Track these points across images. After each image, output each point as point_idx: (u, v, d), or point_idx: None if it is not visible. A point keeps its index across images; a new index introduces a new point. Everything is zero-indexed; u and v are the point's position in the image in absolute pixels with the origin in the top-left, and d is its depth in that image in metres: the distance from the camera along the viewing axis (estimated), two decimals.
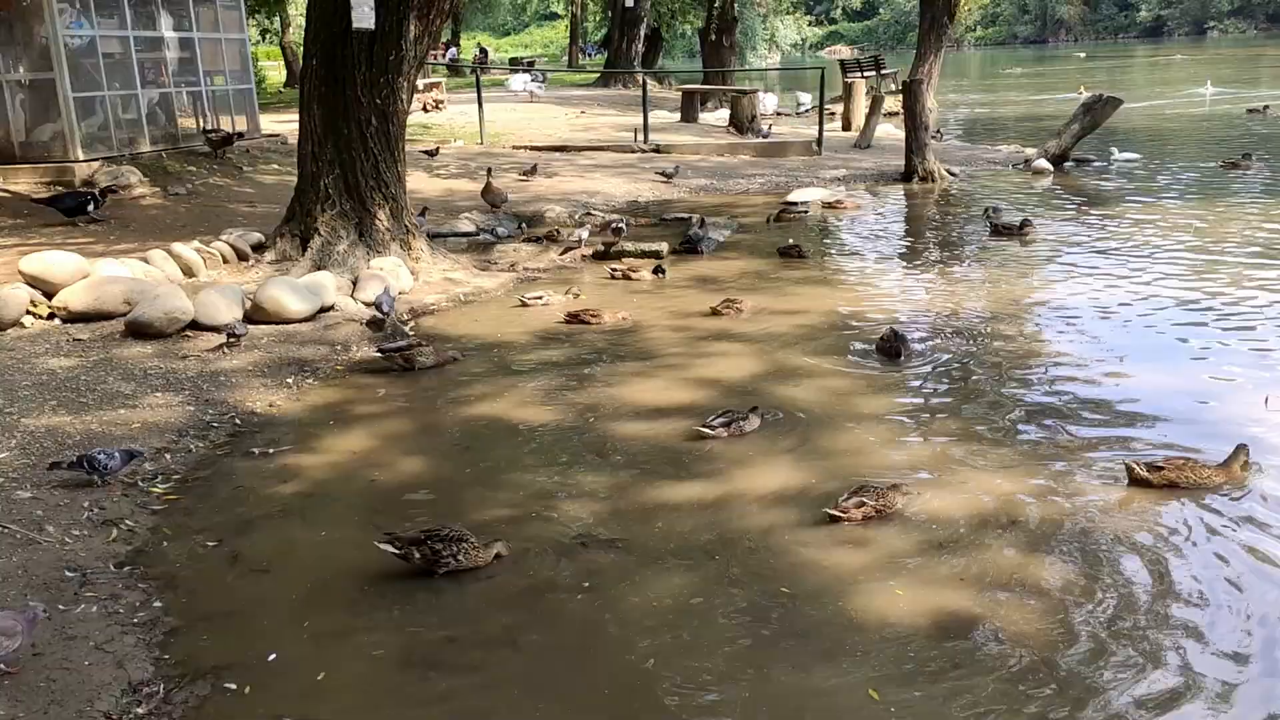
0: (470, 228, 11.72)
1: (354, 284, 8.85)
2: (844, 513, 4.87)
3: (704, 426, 5.94)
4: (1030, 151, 17.38)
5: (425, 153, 16.55)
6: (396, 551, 4.48)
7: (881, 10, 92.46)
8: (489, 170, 13.42)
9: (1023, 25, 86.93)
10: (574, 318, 8.36)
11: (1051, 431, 5.90)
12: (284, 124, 18.27)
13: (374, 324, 8.03)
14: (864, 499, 4.90)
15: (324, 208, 9.36)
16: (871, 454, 5.66)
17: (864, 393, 6.65)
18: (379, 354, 7.41)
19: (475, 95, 20.25)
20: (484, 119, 19.49)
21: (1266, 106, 23.37)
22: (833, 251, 11.40)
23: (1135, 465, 5.16)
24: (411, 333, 8.18)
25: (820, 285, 9.57)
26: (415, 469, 5.71)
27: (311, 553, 4.79)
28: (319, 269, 9.00)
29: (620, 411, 6.43)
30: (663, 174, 15.78)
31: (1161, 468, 5.12)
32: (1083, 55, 58.19)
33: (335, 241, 9.29)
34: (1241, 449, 5.18)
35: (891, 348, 7.23)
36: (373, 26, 8.88)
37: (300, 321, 8.07)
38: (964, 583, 4.35)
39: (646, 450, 5.84)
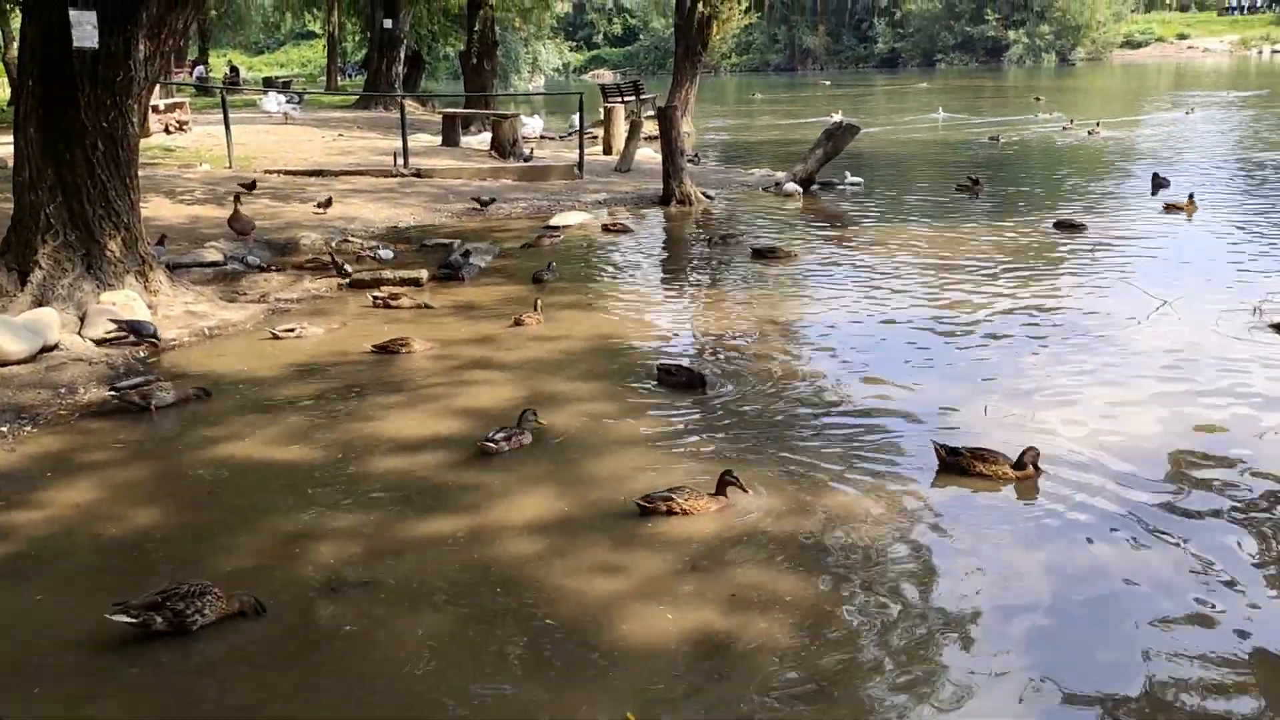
0: (217, 257, 11.10)
1: (81, 320, 8.20)
2: (650, 503, 5.18)
3: (487, 441, 6.03)
4: (780, 175, 18.23)
5: (243, 186, 15.42)
6: (132, 620, 4.16)
7: (641, 36, 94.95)
8: (237, 196, 12.77)
9: (774, 54, 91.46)
10: (382, 348, 8.09)
11: (810, 446, 6.14)
12: (5, 146, 16.73)
13: (132, 340, 8.06)
14: (673, 496, 5.20)
15: (46, 239, 8.61)
16: (635, 477, 5.71)
17: (625, 416, 6.73)
18: (112, 394, 6.88)
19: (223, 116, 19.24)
20: (233, 141, 18.56)
21: (996, 137, 25.46)
22: (595, 275, 11.52)
23: (940, 448, 5.70)
24: (143, 368, 7.66)
25: (582, 310, 9.64)
26: (151, 519, 5.32)
27: (25, 621, 4.36)
28: (40, 305, 8.27)
29: (377, 446, 6.24)
30: (478, 200, 15.51)
31: (960, 454, 5.62)
32: (828, 83, 61.76)
33: (60, 275, 8.56)
34: (1031, 450, 5.60)
35: (682, 379, 7.19)
36: (95, 45, 8.28)
37: (18, 363, 7.39)
38: (734, 599, 4.46)
39: (404, 485, 5.68)
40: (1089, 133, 25.23)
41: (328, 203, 14.37)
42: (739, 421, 6.59)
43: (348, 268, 10.83)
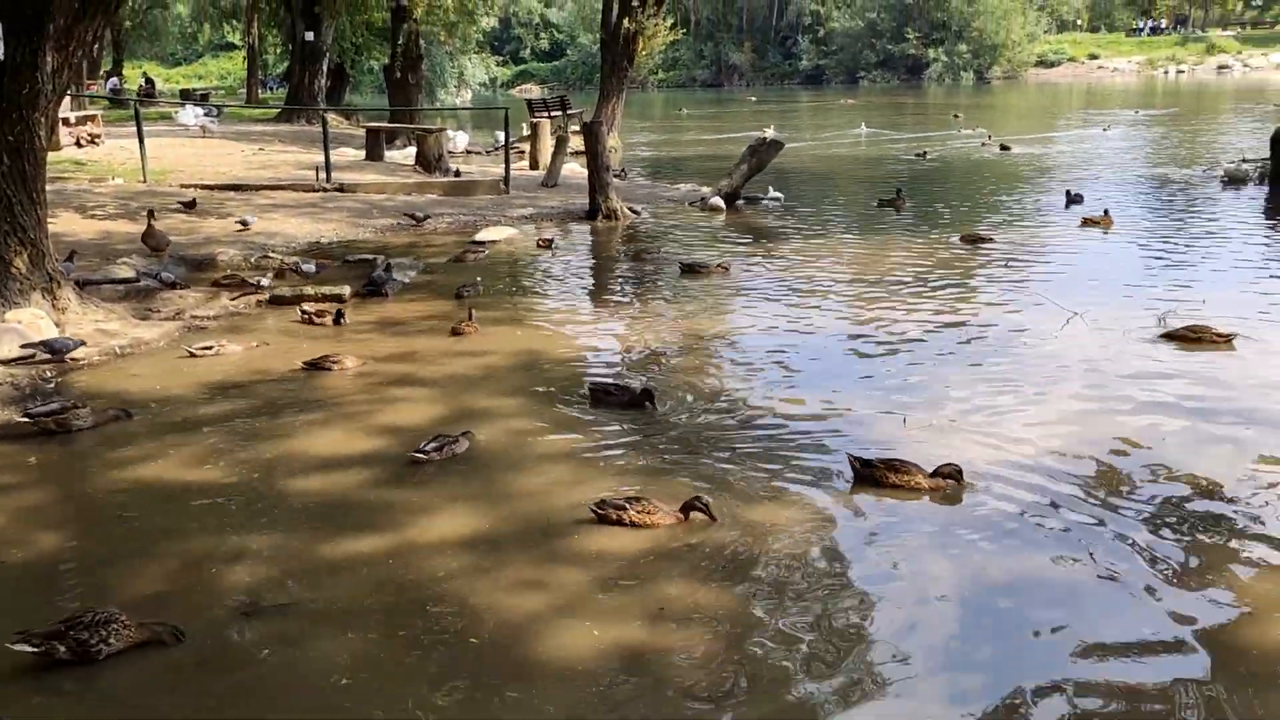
0: (129, 273, 10.80)
1: None
2: (601, 509, 5.21)
3: (417, 452, 6.02)
4: (706, 190, 18.35)
5: (184, 204, 14.96)
6: (35, 649, 4.06)
7: (569, 51, 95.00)
8: (150, 212, 12.44)
9: (700, 69, 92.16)
10: (313, 365, 7.95)
11: (733, 459, 6.17)
12: None
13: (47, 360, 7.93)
14: (627, 505, 5.20)
15: None
16: (557, 493, 5.68)
17: (553, 432, 6.69)
18: (26, 419, 6.64)
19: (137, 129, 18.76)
20: (147, 155, 18.10)
21: (924, 153, 25.92)
22: (522, 291, 11.47)
23: (854, 460, 5.77)
24: (51, 388, 7.43)
25: (509, 325, 9.58)
26: (58, 545, 5.15)
27: None
28: None
29: (299, 465, 6.13)
30: (412, 216, 15.30)
31: (874, 465, 5.69)
32: (754, 99, 62.39)
33: None
34: (948, 465, 5.68)
35: (625, 399, 7.06)
36: (0, 58, 8.03)
37: None
38: (661, 613, 4.46)
39: (326, 504, 5.59)
40: (1001, 148, 25.84)
41: (245, 224, 14.08)
42: (665, 436, 6.60)
43: (264, 281, 10.63)
